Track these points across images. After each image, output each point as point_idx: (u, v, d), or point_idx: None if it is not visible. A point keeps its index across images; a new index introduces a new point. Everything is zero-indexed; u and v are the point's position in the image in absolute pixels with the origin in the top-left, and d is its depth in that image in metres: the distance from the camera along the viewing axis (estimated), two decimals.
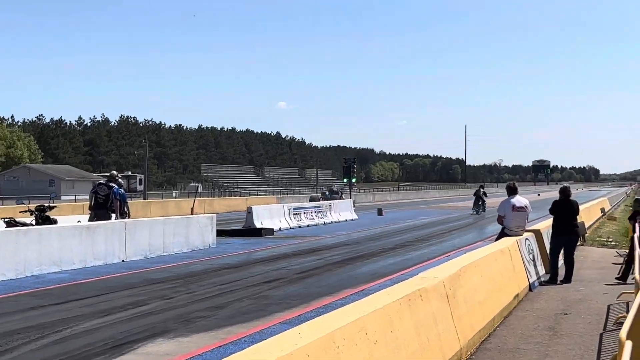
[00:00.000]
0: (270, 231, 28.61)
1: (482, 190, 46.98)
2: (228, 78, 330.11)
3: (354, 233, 29.49)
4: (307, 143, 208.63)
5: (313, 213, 35.89)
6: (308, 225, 33.91)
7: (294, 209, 34.62)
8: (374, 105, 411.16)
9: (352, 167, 64.52)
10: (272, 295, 13.16)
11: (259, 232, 27.92)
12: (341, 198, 61.56)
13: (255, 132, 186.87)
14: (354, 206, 43.10)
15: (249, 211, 30.40)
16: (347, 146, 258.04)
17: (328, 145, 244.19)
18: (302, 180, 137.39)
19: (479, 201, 45.80)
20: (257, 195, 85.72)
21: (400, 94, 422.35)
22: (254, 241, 25.25)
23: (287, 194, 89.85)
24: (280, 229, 30.76)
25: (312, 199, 61.71)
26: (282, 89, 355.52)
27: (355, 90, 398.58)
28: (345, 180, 65.82)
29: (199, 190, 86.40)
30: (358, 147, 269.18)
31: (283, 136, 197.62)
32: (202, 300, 12.51)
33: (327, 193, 65.06)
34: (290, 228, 32.07)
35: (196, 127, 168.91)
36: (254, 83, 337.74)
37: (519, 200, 14.34)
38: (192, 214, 32.82)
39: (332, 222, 36.60)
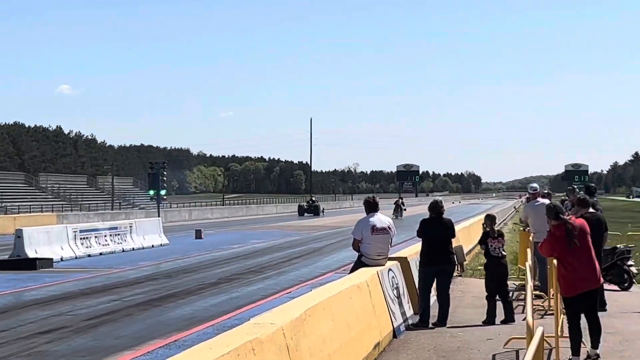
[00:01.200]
0: (48, 262, 27.99)
1: (401, 200, 79.76)
2: None
3: (164, 263, 29.39)
4: (99, 142, 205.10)
5: (108, 237, 35.38)
6: (101, 254, 33.38)
7: (81, 231, 33.96)
8: (191, 92, 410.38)
9: (161, 174, 63.95)
10: (51, 350, 12.87)
11: (32, 264, 27.25)
12: (318, 210, 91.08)
13: (27, 125, 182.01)
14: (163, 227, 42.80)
15: (19, 235, 29.62)
16: (154, 146, 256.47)
17: (128, 145, 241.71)
18: (93, 191, 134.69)
19: (399, 209, 74.59)
20: (30, 212, 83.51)
21: (226, 77, 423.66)
22: (25, 276, 24.64)
23: (72, 211, 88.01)
24: (62, 259, 30.24)
25: (300, 208, 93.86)
26: (64, 67, 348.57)
27: (165, 72, 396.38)
28: (151, 192, 64.94)
29: None
30: (169, 147, 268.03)
31: (66, 132, 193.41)
32: None
33: (310, 202, 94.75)
34: (76, 257, 31.48)
35: None
36: (25, 58, 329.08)
37: (380, 219, 14.53)
38: None
39: (133, 248, 36.26)
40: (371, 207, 14.54)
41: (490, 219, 15.91)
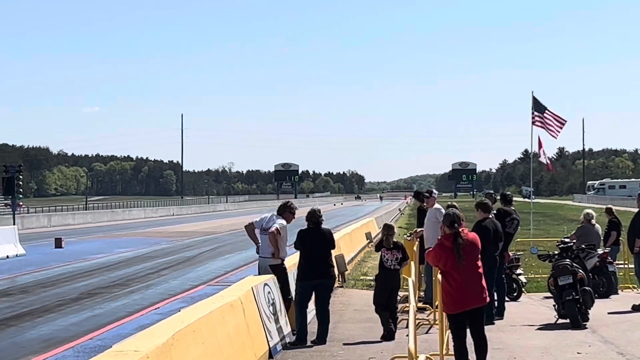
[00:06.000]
0: None
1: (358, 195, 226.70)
2: None
3: (20, 276, 28.83)
4: None
5: None
6: None
7: None
8: (51, 84, 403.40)
9: (17, 178, 62.67)
10: None
11: None
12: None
13: None
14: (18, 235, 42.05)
15: None
16: (9, 144, 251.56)
17: None
18: None
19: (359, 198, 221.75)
20: None
21: (91, 68, 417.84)
22: None
23: None
24: None
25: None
26: None
27: (21, 61, 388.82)
28: (6, 197, 63.71)
29: None
30: (26, 146, 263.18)
31: None
32: None
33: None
34: None
35: None
36: None
37: None
38: None
39: None
40: None
41: (387, 229, 15.84)
